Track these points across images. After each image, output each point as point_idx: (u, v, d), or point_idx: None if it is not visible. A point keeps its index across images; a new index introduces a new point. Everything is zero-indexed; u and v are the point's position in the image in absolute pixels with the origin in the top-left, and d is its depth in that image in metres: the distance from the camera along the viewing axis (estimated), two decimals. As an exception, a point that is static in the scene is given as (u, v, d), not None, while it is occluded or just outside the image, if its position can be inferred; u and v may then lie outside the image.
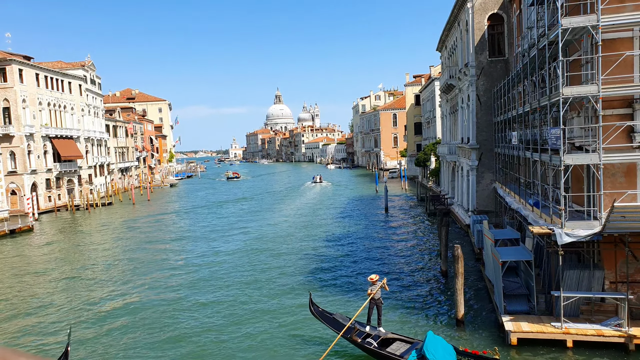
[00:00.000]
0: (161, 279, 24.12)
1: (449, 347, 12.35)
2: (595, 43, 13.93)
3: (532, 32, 19.22)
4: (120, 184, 75.73)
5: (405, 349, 13.39)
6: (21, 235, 38.69)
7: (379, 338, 13.99)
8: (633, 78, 14.36)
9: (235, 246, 31.42)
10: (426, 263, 25.25)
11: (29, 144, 51.03)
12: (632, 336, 13.52)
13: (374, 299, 14.60)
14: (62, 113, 59.00)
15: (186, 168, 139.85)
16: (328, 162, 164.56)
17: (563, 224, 14.16)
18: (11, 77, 49.36)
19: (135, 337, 16.65)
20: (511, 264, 17.77)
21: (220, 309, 19.22)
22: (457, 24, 35.28)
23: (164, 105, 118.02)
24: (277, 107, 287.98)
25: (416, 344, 13.35)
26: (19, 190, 49.44)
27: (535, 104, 17.60)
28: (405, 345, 13.64)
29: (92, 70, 68.26)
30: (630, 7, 14.19)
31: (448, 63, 41.58)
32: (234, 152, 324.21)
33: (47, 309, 20.09)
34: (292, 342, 15.81)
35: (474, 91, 30.08)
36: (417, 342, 13.54)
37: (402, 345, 13.66)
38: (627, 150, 14.16)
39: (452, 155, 38.72)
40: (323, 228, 36.83)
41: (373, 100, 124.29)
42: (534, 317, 15.13)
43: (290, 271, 24.39)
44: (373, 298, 14.58)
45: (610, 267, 14.98)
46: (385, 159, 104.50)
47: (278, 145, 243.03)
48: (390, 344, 13.75)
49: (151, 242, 34.02)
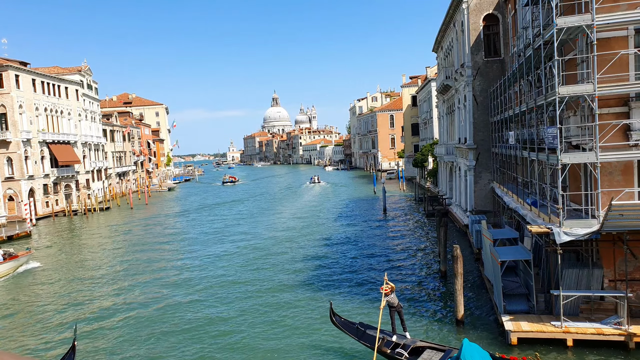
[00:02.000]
0: (160, 285, 24.05)
1: (486, 355, 11.74)
2: (590, 42, 13.97)
3: (527, 32, 19.29)
4: (118, 189, 75.59)
5: (438, 357, 12.84)
6: (19, 241, 38.57)
7: (408, 347, 13.34)
8: (628, 76, 14.41)
9: (234, 250, 31.35)
10: (425, 264, 25.25)
11: (26, 150, 50.93)
12: (632, 334, 13.54)
13: (393, 306, 14.09)
14: (59, 118, 58.92)
15: (184, 172, 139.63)
16: (326, 163, 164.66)
17: (561, 223, 14.19)
18: (7, 83, 49.28)
19: (135, 335, 16.62)
20: (510, 263, 17.78)
21: (229, 314, 19.18)
22: (452, 25, 35.37)
23: (161, 109, 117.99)
24: (274, 110, 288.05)
25: (449, 352, 12.87)
26: (16, 196, 49.31)
27: (532, 104, 17.64)
28: (437, 353, 13.05)
29: (88, 75, 68.21)
30: (624, 6, 14.25)
31: (444, 64, 41.66)
32: (231, 155, 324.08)
33: (49, 309, 20.21)
34: (313, 354, 15.04)
35: (471, 91, 30.14)
36: (449, 350, 13.03)
37: (435, 354, 13.05)
38: (624, 149, 14.20)
39: (450, 156, 38.77)
40: (323, 230, 36.81)
41: (370, 101, 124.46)
42: (534, 317, 15.13)
43: (293, 276, 24.29)
44: (392, 305, 14.07)
45: (609, 266, 15.01)
46: (383, 160, 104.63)
47: (276, 148, 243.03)
48: (421, 353, 13.15)
49: (149, 245, 33.95)
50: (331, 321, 14.93)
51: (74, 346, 13.30)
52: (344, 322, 14.76)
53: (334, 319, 14.74)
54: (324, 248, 30.17)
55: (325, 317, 17.28)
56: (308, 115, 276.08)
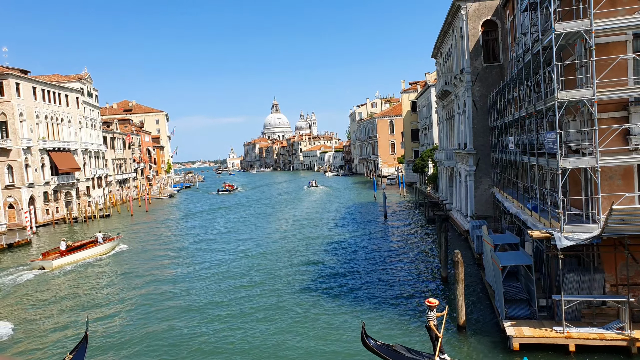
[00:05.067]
0: (161, 298, 24.00)
1: None
2: (588, 47, 14.02)
3: (526, 38, 19.35)
4: (118, 196, 75.55)
5: None
6: (19, 248, 38.52)
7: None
8: (627, 81, 14.46)
9: (236, 257, 31.32)
10: (426, 269, 25.20)
11: (26, 158, 50.97)
12: (634, 339, 13.48)
13: (436, 326, 13.23)
14: (59, 126, 59.01)
15: (184, 178, 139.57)
16: (326, 169, 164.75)
17: (562, 228, 14.17)
18: (8, 91, 49.40)
19: (136, 332, 16.59)
20: (511, 268, 17.74)
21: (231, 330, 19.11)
22: (451, 31, 35.50)
23: (161, 116, 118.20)
24: (274, 116, 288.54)
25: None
26: (16, 204, 49.29)
27: (531, 109, 17.68)
28: None
29: (89, 82, 68.38)
30: (622, 12, 14.33)
31: (443, 69, 41.78)
32: (231, 161, 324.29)
33: (53, 311, 20.48)
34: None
35: (470, 97, 30.22)
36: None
37: None
38: (624, 153, 14.21)
39: (450, 161, 38.79)
40: (324, 236, 36.76)
41: (370, 107, 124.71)
42: (536, 322, 15.08)
43: (297, 285, 24.21)
44: (435, 326, 13.22)
45: (611, 270, 14.98)
46: (383, 166, 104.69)
47: (276, 154, 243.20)
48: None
49: (148, 251, 33.91)
50: (363, 344, 13.40)
51: (87, 336, 14.54)
52: (380, 345, 13.35)
53: (367, 342, 13.26)
54: (327, 256, 30.10)
55: (354, 338, 15.90)
56: (308, 122, 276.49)
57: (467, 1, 29.92)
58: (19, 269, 30.18)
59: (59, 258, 30.52)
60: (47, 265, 29.66)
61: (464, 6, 30.03)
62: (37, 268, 29.51)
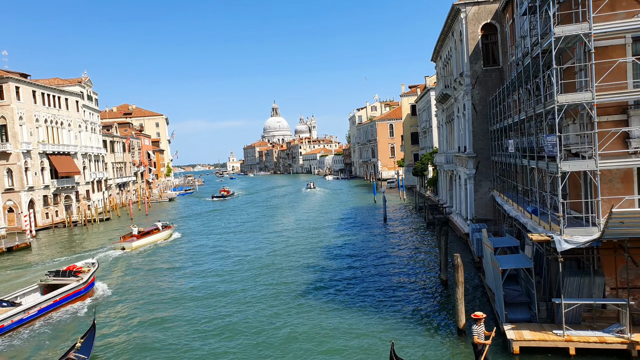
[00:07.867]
0: (164, 307, 24.00)
1: None
2: (588, 51, 14.05)
3: (525, 41, 19.41)
4: (118, 199, 75.50)
5: None
6: (19, 252, 38.45)
7: None
8: (626, 84, 14.49)
9: (236, 263, 31.29)
10: (426, 273, 25.17)
11: (26, 161, 50.98)
12: (634, 342, 13.46)
13: (482, 344, 12.79)
14: (59, 129, 59.04)
15: (184, 182, 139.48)
16: (326, 173, 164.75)
17: (562, 231, 14.17)
18: (8, 95, 49.45)
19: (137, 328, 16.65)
20: (511, 272, 17.74)
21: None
22: (451, 34, 35.59)
23: (161, 119, 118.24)
24: (274, 120, 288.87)
25: None
26: (16, 208, 49.28)
27: (531, 112, 17.70)
28: None
29: (88, 86, 68.45)
30: (621, 15, 14.36)
31: (443, 73, 41.85)
32: (231, 165, 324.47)
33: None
34: None
35: (470, 100, 30.27)
36: None
37: None
38: (623, 156, 14.23)
39: (450, 164, 38.82)
40: (324, 239, 36.73)
41: (369, 111, 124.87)
42: (536, 325, 15.05)
43: (300, 289, 24.21)
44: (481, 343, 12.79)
45: (611, 273, 14.96)
46: (383, 169, 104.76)
47: (276, 158, 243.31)
48: None
49: (148, 255, 33.86)
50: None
51: (94, 324, 16.49)
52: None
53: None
54: (326, 260, 30.06)
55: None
56: (308, 125, 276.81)
57: (466, 5, 30.01)
58: (103, 249, 36.69)
59: (136, 240, 36.79)
60: (127, 246, 36.01)
61: (463, 10, 30.12)
62: (118, 249, 35.81)
